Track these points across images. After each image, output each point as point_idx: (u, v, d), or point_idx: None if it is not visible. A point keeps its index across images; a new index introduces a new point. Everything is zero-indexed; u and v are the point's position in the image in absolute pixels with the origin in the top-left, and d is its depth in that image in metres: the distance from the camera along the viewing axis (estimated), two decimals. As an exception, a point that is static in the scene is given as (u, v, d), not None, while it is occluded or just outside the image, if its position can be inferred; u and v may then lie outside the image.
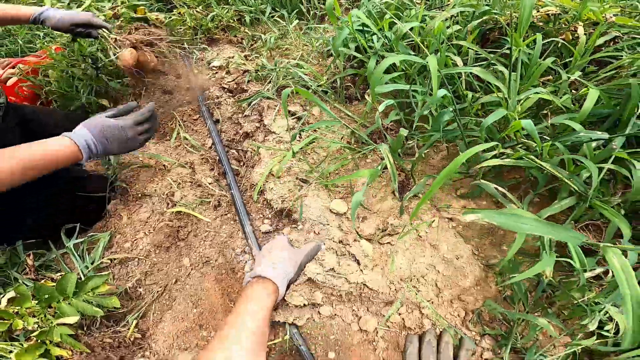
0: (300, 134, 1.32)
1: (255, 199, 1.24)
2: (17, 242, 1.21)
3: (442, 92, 0.88)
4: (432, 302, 1.04)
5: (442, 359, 0.92)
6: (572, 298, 0.86)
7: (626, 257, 0.80)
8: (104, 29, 1.34)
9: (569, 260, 0.82)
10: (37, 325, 0.95)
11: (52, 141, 0.98)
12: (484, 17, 1.16)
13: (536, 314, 0.95)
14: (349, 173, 1.21)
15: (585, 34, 1.12)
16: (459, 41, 1.08)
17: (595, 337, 0.86)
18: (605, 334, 0.86)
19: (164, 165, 1.39)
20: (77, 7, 1.71)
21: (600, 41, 1.17)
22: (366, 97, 1.11)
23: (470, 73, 1.12)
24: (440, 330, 1.00)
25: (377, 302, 1.05)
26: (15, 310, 0.95)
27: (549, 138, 1.00)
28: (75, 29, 1.32)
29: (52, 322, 0.96)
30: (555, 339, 0.92)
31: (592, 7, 1.13)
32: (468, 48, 1.09)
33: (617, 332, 0.86)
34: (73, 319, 0.97)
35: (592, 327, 0.80)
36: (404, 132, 0.92)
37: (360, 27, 1.20)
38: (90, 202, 1.32)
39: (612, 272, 0.59)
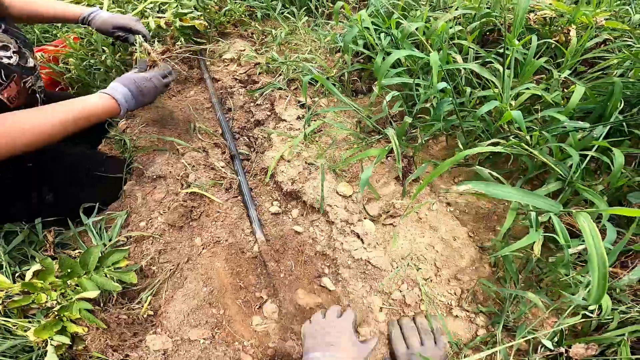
0: (309, 123, 1.40)
1: (267, 181, 1.32)
2: (36, 220, 1.27)
3: (442, 84, 0.97)
4: (432, 280, 1.12)
5: (422, 333, 1.02)
6: (558, 274, 0.95)
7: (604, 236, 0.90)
8: (141, 36, 1.39)
9: (553, 235, 0.90)
10: (55, 302, 0.97)
11: (92, 97, 1.06)
12: (484, 20, 1.25)
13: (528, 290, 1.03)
14: (360, 160, 1.30)
15: (577, 37, 1.22)
16: (460, 41, 1.17)
17: (580, 317, 0.92)
18: (589, 314, 0.92)
19: (177, 149, 1.46)
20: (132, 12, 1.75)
21: (592, 43, 1.27)
22: (374, 88, 1.19)
23: (470, 71, 1.22)
24: (414, 313, 1.09)
25: (380, 279, 1.13)
26: (39, 284, 0.97)
27: (537, 129, 1.10)
28: (116, 32, 1.37)
29: (72, 297, 0.98)
30: (544, 316, 1.00)
31: (585, 11, 1.22)
32: (468, 47, 1.18)
33: (600, 313, 0.91)
34: (93, 294, 0.98)
35: (577, 301, 0.87)
36: (408, 119, 1.01)
37: (368, 26, 1.28)
38: (108, 182, 1.38)
39: (582, 234, 0.66)
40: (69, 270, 1.01)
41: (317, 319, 0.98)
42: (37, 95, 1.19)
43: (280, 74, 1.62)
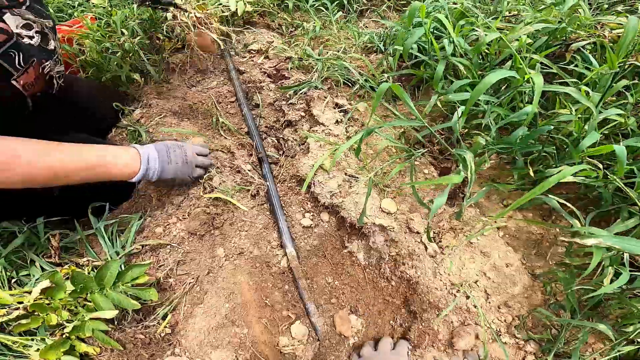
0: (346, 129, 1.28)
1: (304, 190, 1.19)
2: (38, 219, 1.11)
3: (530, 108, 0.86)
4: (481, 307, 1.04)
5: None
6: (632, 307, 0.88)
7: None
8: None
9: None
10: (65, 320, 0.86)
11: (118, 151, 0.98)
12: (557, 35, 1.16)
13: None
14: (402, 174, 1.19)
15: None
16: (530, 54, 1.07)
17: (635, 345, 0.87)
18: None
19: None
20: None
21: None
22: (434, 98, 1.08)
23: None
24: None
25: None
26: (48, 303, 0.84)
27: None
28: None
29: (84, 316, 0.86)
30: (599, 344, 0.94)
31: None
32: (538, 62, 1.08)
33: None
34: (110, 314, 0.87)
35: None
36: (482, 140, 0.90)
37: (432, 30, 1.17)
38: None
39: None
40: (80, 286, 0.88)
41: (368, 353, 0.90)
42: (55, 81, 1.06)
43: (315, 71, 1.49)
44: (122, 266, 1.03)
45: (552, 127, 0.96)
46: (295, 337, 1.07)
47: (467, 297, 1.04)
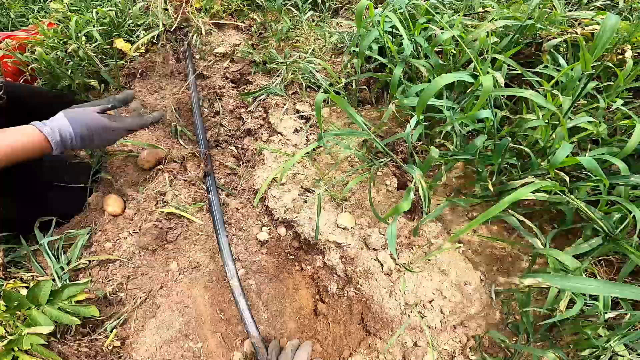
0: (307, 138, 1.22)
1: (256, 205, 1.15)
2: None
3: (487, 113, 0.79)
4: (436, 328, 0.98)
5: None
6: (583, 335, 0.82)
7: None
8: None
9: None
10: (5, 332, 0.86)
11: (14, 130, 0.89)
12: (527, 32, 1.08)
13: (540, 344, 0.91)
14: (362, 186, 1.12)
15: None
16: (494, 54, 0.99)
17: None
18: None
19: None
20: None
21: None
22: (386, 100, 1.01)
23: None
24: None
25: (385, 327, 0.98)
26: None
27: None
28: None
29: (21, 330, 0.86)
30: None
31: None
32: (503, 63, 1.00)
33: None
34: (46, 329, 0.87)
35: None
36: (434, 152, 0.83)
37: (390, 29, 1.09)
38: (69, 192, 1.19)
39: None
40: (15, 304, 0.88)
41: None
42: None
43: (278, 75, 1.42)
44: (66, 281, 1.03)
45: (512, 138, 0.89)
46: (246, 352, 1.04)
47: (422, 317, 0.98)
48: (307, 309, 1.13)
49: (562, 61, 1.09)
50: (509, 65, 1.05)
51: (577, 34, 1.02)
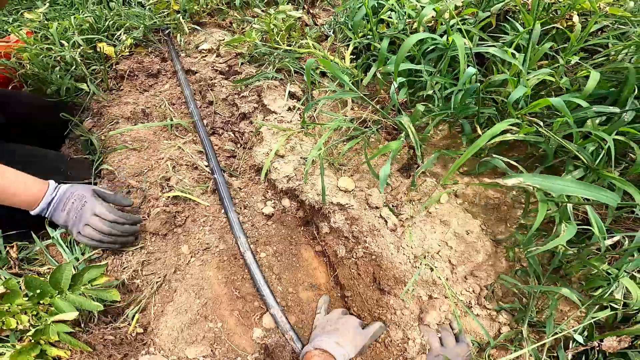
0: (300, 115, 1.29)
1: (263, 179, 1.20)
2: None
3: (472, 70, 0.89)
4: (448, 279, 1.05)
5: (442, 334, 1.00)
6: (592, 267, 0.89)
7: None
8: None
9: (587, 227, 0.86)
10: (29, 325, 0.85)
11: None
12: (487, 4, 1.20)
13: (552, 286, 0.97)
14: (358, 152, 1.20)
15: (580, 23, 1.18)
16: (467, 26, 1.10)
17: (609, 310, 0.88)
18: (615, 306, 0.88)
19: (154, 148, 1.31)
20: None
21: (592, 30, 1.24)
22: (378, 75, 1.10)
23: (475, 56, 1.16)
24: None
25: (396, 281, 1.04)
26: (6, 308, 0.84)
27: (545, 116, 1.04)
28: None
29: (46, 320, 0.86)
30: (569, 310, 0.95)
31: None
32: (474, 33, 1.12)
33: (625, 305, 0.88)
34: (71, 315, 0.87)
35: (617, 295, 0.84)
36: (420, 106, 0.92)
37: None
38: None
39: None
40: (37, 291, 0.87)
41: (331, 314, 1.05)
42: None
43: (267, 64, 1.49)
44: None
45: (481, 85, 0.99)
46: (265, 327, 1.07)
47: (432, 270, 1.05)
48: (320, 278, 1.19)
49: (520, 28, 1.23)
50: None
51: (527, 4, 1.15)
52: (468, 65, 0.89)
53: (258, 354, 1.02)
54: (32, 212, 1.01)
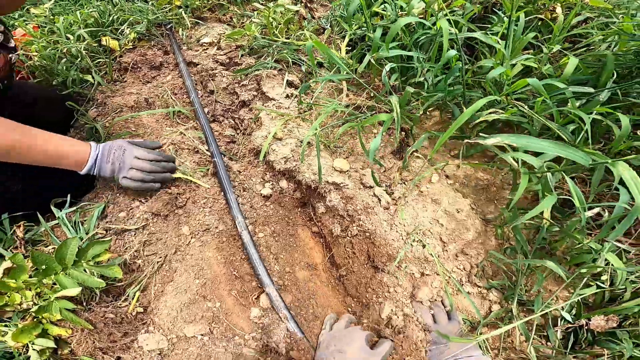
0: (298, 102, 1.34)
1: (262, 160, 1.25)
2: (3, 215, 1.13)
3: (453, 52, 0.95)
4: (439, 256, 1.09)
5: (434, 310, 1.03)
6: (574, 239, 0.93)
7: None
8: None
9: (568, 198, 0.89)
10: (32, 302, 0.87)
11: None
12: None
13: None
14: (353, 136, 1.25)
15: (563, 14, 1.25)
16: (456, 17, 1.17)
17: (595, 288, 0.91)
18: (602, 285, 0.91)
19: (156, 134, 1.36)
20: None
21: (574, 21, 1.30)
22: (372, 61, 1.16)
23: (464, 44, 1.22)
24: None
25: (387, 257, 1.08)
26: (11, 283, 0.85)
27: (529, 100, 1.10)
28: None
29: (50, 296, 0.87)
30: (558, 289, 0.99)
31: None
32: (462, 24, 1.18)
33: (612, 284, 0.91)
34: (74, 291, 0.88)
35: (601, 268, 0.87)
36: (410, 89, 0.98)
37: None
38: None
39: (625, 183, 0.65)
40: (43, 267, 0.89)
41: (336, 328, 1.03)
42: (14, 73, 1.22)
43: (266, 55, 1.55)
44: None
45: (469, 70, 1.03)
46: (262, 307, 1.10)
47: (424, 246, 1.09)
48: (316, 258, 1.23)
49: (506, 19, 1.30)
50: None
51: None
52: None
53: (255, 333, 1.05)
54: (82, 172, 1.12)
